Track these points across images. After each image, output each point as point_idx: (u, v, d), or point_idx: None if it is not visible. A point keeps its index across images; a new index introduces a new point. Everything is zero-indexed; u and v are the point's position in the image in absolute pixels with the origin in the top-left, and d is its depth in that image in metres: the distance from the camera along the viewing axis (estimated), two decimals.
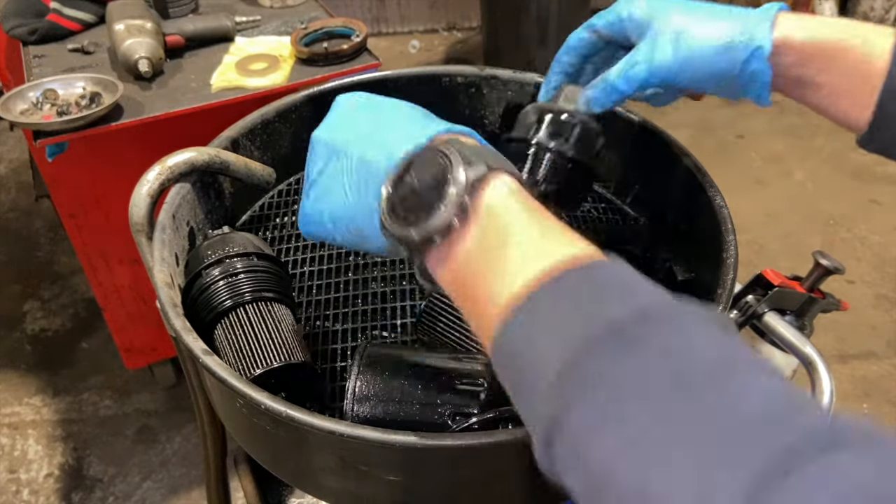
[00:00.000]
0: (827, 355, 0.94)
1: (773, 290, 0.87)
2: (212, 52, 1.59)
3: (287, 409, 0.57)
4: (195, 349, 0.63)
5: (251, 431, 0.70)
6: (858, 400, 2.01)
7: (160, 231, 0.75)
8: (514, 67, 1.00)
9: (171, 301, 0.68)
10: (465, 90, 1.02)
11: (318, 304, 0.83)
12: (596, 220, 0.94)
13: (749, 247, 2.40)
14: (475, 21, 3.66)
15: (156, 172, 0.78)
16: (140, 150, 1.40)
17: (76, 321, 2.23)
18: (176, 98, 1.43)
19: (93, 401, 2.00)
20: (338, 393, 0.73)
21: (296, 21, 1.72)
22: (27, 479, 1.83)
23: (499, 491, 0.65)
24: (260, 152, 0.94)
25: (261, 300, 0.71)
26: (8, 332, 2.21)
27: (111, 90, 1.40)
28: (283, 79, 1.48)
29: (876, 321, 2.20)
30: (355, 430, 0.56)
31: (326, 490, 0.70)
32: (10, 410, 1.99)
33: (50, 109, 1.40)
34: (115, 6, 1.53)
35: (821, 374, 0.94)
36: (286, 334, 0.70)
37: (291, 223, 0.94)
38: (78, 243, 1.57)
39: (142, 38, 1.45)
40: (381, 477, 0.61)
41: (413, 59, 3.60)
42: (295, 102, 0.96)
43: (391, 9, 3.73)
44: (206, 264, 0.73)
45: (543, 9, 2.79)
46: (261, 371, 0.66)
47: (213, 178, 0.88)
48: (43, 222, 2.58)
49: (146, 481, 1.81)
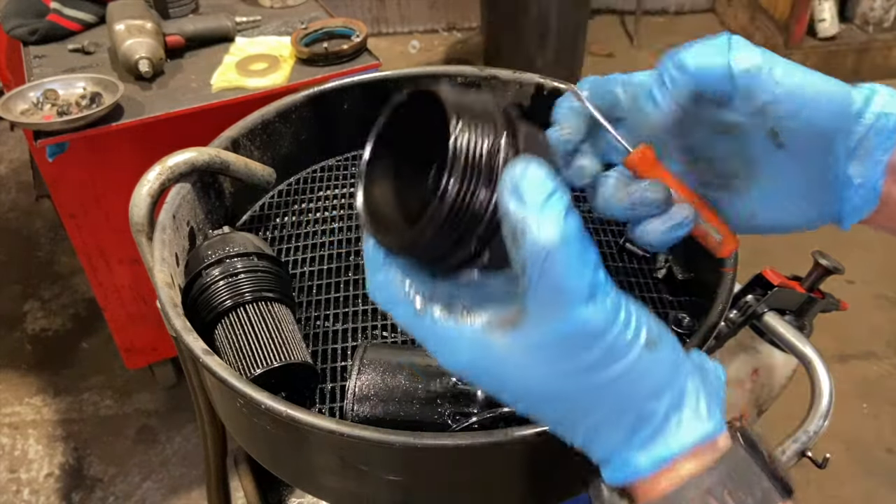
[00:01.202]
0: (826, 355, 0.94)
1: (773, 289, 0.88)
2: (212, 53, 1.59)
3: (287, 409, 0.57)
4: (195, 349, 0.63)
5: (251, 431, 0.70)
6: (858, 400, 2.01)
7: (160, 231, 0.75)
8: (514, 67, 1.00)
9: (171, 301, 0.68)
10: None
11: (318, 304, 0.83)
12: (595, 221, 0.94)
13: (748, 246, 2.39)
14: (475, 21, 3.66)
15: (156, 172, 0.78)
16: (140, 151, 1.40)
17: (76, 321, 2.23)
18: (176, 98, 1.43)
19: (93, 401, 2.00)
20: (338, 393, 0.73)
21: (296, 21, 1.72)
22: (27, 479, 1.83)
23: (498, 490, 0.65)
24: (260, 152, 0.94)
25: (261, 300, 0.72)
26: (8, 331, 2.21)
27: (111, 90, 1.40)
28: (284, 79, 1.49)
29: (876, 321, 2.20)
30: (355, 430, 0.56)
31: (326, 490, 0.70)
32: (11, 410, 1.99)
33: (50, 109, 1.40)
34: (116, 6, 1.53)
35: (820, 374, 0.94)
36: (286, 334, 0.70)
37: (291, 223, 0.94)
38: (78, 243, 1.58)
39: (142, 39, 1.45)
40: (381, 477, 0.61)
41: (413, 59, 3.60)
42: (295, 103, 0.96)
43: (391, 9, 3.73)
44: (207, 264, 0.73)
45: (543, 9, 2.79)
46: (261, 371, 0.66)
47: (213, 179, 0.88)
48: (43, 222, 2.58)
49: (146, 481, 1.82)
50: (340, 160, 1.04)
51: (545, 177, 0.36)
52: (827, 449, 0.94)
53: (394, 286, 0.42)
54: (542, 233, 0.35)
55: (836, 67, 3.28)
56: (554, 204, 0.35)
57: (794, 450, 0.92)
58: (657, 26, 3.83)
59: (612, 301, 0.37)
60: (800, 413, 0.94)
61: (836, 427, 0.92)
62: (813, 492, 1.81)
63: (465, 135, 0.36)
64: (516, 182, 0.36)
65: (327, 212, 0.95)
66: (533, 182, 0.35)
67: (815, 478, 1.80)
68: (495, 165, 0.36)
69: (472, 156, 0.36)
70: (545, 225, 0.35)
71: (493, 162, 0.36)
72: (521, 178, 0.36)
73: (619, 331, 0.37)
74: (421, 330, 0.41)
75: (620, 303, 0.37)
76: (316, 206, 0.96)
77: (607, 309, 0.36)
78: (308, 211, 0.95)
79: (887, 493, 1.81)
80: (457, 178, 0.35)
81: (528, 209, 0.35)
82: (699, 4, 3.98)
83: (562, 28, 2.86)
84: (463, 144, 0.35)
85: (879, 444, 1.91)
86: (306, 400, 0.71)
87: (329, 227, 0.93)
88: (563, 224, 0.35)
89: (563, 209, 0.36)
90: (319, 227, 0.93)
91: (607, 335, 0.36)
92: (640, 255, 0.88)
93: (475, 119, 0.37)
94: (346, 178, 1.01)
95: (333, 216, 0.94)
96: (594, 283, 0.36)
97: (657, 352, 0.38)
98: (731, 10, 3.82)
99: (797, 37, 3.25)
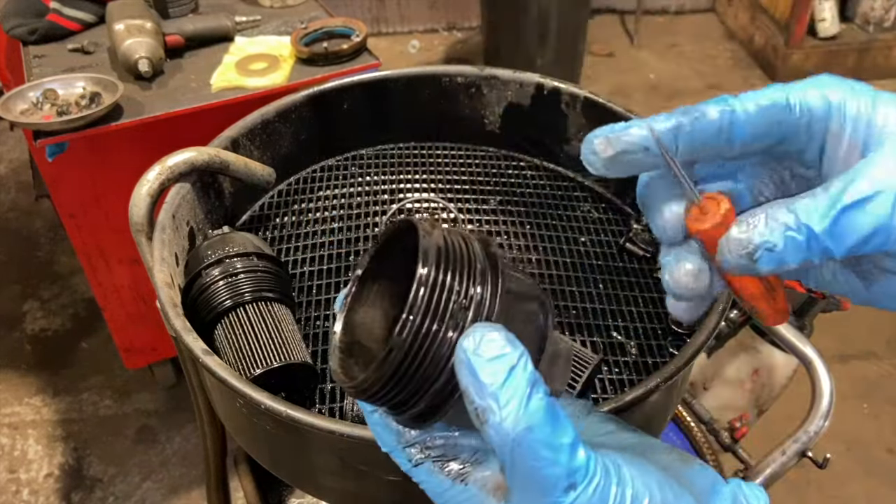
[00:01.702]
0: (827, 355, 0.94)
1: None
2: (212, 52, 1.59)
3: (287, 409, 0.57)
4: (195, 349, 0.62)
5: (251, 431, 0.70)
6: (858, 400, 2.01)
7: (160, 231, 0.75)
8: (514, 67, 1.00)
9: (171, 301, 0.68)
10: (465, 90, 1.02)
11: (318, 305, 0.83)
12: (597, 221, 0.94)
13: None
14: (475, 21, 3.66)
15: (156, 172, 0.78)
16: (140, 150, 1.40)
17: (76, 321, 2.23)
18: (176, 98, 1.43)
19: (93, 401, 2.00)
20: (338, 393, 0.73)
21: (296, 21, 1.72)
22: (27, 479, 1.83)
23: None
24: (260, 152, 0.94)
25: (261, 300, 0.71)
26: (8, 331, 2.21)
27: (111, 90, 1.40)
28: (283, 79, 1.48)
29: (876, 321, 2.20)
30: (356, 430, 0.56)
31: (326, 490, 0.70)
32: (10, 410, 1.99)
33: (50, 109, 1.40)
34: (115, 6, 1.53)
35: (820, 374, 0.94)
36: (286, 334, 0.70)
37: (291, 223, 0.94)
38: (78, 243, 1.58)
39: (142, 38, 1.45)
40: (381, 477, 0.61)
41: (413, 58, 3.60)
42: (295, 102, 0.96)
43: (391, 9, 3.73)
44: (206, 264, 0.73)
45: (544, 9, 2.79)
46: (261, 371, 0.66)
47: (212, 178, 0.88)
48: (43, 222, 2.58)
49: (146, 481, 1.81)
50: (340, 160, 1.04)
51: (503, 347, 0.31)
52: (827, 449, 0.94)
53: (387, 431, 0.38)
54: (505, 420, 0.31)
55: (836, 67, 3.28)
56: (515, 383, 0.31)
57: (795, 450, 0.91)
58: (657, 26, 3.83)
59: (598, 486, 0.32)
60: (800, 413, 0.94)
61: (836, 427, 0.92)
62: (813, 492, 1.81)
63: (432, 276, 0.32)
64: (469, 357, 0.31)
65: (327, 212, 0.95)
66: (489, 357, 0.31)
67: (816, 478, 1.80)
68: (460, 320, 0.33)
69: (436, 301, 0.32)
70: (507, 411, 0.31)
71: (457, 315, 0.33)
72: (476, 352, 0.31)
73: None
74: (418, 478, 0.37)
75: (610, 483, 0.32)
76: (316, 206, 0.96)
77: (590, 497, 0.31)
78: (308, 211, 0.95)
79: (888, 493, 1.81)
80: (411, 326, 0.32)
81: (485, 392, 0.31)
82: (700, 4, 3.99)
83: (562, 28, 2.86)
84: (427, 286, 0.32)
85: (880, 444, 1.91)
86: (306, 400, 0.71)
87: (329, 227, 0.93)
88: (526, 408, 0.31)
89: (525, 386, 0.31)
90: (319, 227, 0.93)
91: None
92: (640, 255, 0.88)
93: (455, 264, 0.33)
94: (346, 177, 1.01)
95: (333, 216, 0.94)
96: (572, 470, 0.31)
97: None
98: (731, 10, 3.82)
99: (798, 37, 3.25)
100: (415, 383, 0.33)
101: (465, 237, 0.36)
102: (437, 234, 0.34)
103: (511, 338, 0.32)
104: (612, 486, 0.32)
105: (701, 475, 0.36)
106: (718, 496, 0.35)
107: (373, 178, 1.00)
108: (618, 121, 0.38)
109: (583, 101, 0.95)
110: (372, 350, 0.38)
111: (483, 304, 0.33)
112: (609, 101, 0.93)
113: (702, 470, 0.37)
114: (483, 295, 0.33)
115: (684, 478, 0.35)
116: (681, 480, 0.35)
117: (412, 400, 0.34)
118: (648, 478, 0.33)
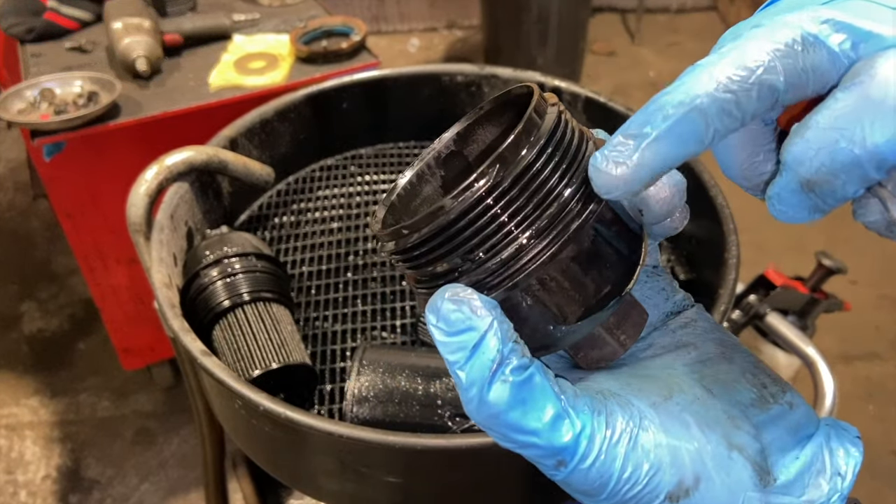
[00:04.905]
0: (830, 356, 0.93)
1: (776, 290, 0.87)
2: (210, 51, 1.58)
3: (286, 411, 0.56)
4: (193, 350, 0.62)
5: (250, 433, 0.69)
6: (862, 401, 2.00)
7: (158, 231, 0.75)
8: (514, 66, 0.99)
9: (169, 301, 0.68)
10: (465, 89, 1.01)
11: (318, 305, 0.82)
12: None
13: (751, 247, 2.39)
14: (475, 19, 3.65)
15: (154, 172, 0.78)
16: (138, 150, 1.39)
17: (73, 322, 2.22)
18: (174, 97, 1.42)
19: (90, 402, 2.00)
20: (337, 394, 0.72)
21: (295, 19, 1.71)
22: (24, 481, 1.82)
23: (498, 492, 0.65)
24: (258, 151, 0.93)
25: (259, 300, 0.71)
26: (5, 332, 2.20)
27: (109, 89, 1.39)
28: (282, 77, 1.48)
29: (879, 322, 2.19)
30: (355, 432, 0.55)
31: (325, 491, 0.69)
32: (8, 411, 1.98)
33: (47, 108, 1.40)
34: (113, 4, 1.53)
35: (823, 374, 0.94)
36: (285, 335, 0.69)
37: (290, 223, 0.93)
38: (75, 243, 1.57)
39: (140, 37, 1.44)
40: (380, 478, 0.61)
41: (413, 57, 3.60)
42: (294, 101, 0.96)
43: (391, 7, 3.72)
44: (205, 264, 0.72)
45: (544, 7, 2.79)
46: (259, 372, 0.65)
47: (211, 178, 0.87)
48: (40, 222, 2.57)
49: (144, 483, 1.81)
50: (339, 159, 1.03)
51: (468, 319, 0.28)
52: None
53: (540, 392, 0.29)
54: (469, 405, 0.29)
55: None
56: (479, 363, 0.28)
57: None
58: (659, 24, 3.82)
59: (596, 462, 0.29)
60: None
61: None
62: None
63: (528, 150, 0.28)
64: (432, 329, 0.28)
65: (326, 211, 0.94)
66: (452, 330, 0.28)
67: None
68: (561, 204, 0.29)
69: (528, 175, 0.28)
70: (471, 395, 0.28)
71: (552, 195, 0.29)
72: (437, 324, 0.28)
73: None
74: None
75: (615, 456, 0.29)
76: (315, 206, 0.95)
77: (587, 470, 0.29)
78: (307, 210, 0.95)
79: (893, 494, 1.80)
80: (486, 182, 0.28)
81: (452, 369, 0.28)
82: (701, 2, 3.98)
83: (563, 26, 2.85)
84: (522, 163, 0.28)
85: (885, 445, 1.91)
86: (305, 401, 0.71)
87: (328, 226, 0.92)
88: (488, 393, 0.28)
89: (488, 368, 0.28)
90: (318, 226, 0.92)
91: None
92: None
93: (559, 144, 0.29)
94: (346, 177, 1.00)
95: (332, 216, 0.94)
96: (555, 450, 0.29)
97: None
98: (733, 8, 3.82)
99: None
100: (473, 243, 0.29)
101: (583, 133, 0.31)
102: (554, 112, 0.30)
103: (484, 301, 0.28)
104: (617, 461, 0.29)
105: (780, 420, 0.31)
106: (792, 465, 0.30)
107: (372, 178, 1.00)
108: (618, 120, 0.36)
109: (584, 100, 0.95)
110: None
111: (570, 214, 0.29)
112: (610, 100, 0.92)
113: (781, 412, 0.32)
114: (573, 206, 0.29)
115: (746, 429, 0.31)
116: (737, 439, 0.30)
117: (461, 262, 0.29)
118: (685, 441, 0.29)
